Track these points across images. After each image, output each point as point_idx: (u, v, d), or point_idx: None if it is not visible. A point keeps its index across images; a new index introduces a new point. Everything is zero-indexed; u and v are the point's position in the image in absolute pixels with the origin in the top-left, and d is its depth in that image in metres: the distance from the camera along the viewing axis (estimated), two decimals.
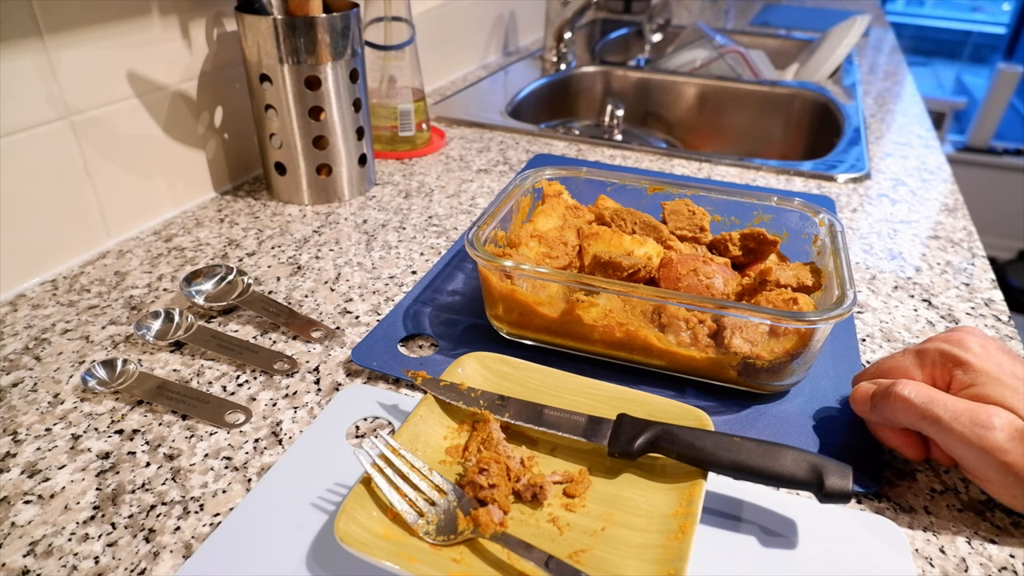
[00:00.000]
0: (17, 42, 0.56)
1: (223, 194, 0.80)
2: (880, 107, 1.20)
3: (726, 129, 1.32)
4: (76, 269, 0.64)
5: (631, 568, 0.36)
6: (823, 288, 0.52)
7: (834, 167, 0.90)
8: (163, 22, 0.68)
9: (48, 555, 0.38)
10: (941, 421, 0.39)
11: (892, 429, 0.44)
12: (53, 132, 0.61)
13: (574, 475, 0.41)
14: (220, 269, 0.61)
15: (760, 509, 0.41)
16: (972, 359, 0.41)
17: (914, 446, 0.43)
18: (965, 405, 0.39)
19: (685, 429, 0.41)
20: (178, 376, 0.51)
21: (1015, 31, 3.63)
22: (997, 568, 0.39)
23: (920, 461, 0.45)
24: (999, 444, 0.38)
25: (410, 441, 0.42)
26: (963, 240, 0.75)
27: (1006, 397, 0.39)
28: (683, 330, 0.48)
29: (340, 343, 0.55)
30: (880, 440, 0.45)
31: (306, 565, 0.37)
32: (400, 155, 0.92)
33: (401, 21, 0.87)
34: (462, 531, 0.36)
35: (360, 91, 0.76)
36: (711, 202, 0.62)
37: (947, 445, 0.40)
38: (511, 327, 0.54)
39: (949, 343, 0.43)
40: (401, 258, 0.68)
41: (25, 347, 0.54)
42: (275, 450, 0.45)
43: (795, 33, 1.71)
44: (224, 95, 0.77)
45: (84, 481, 0.42)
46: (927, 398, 0.40)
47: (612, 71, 1.37)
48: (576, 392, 0.47)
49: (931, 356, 0.43)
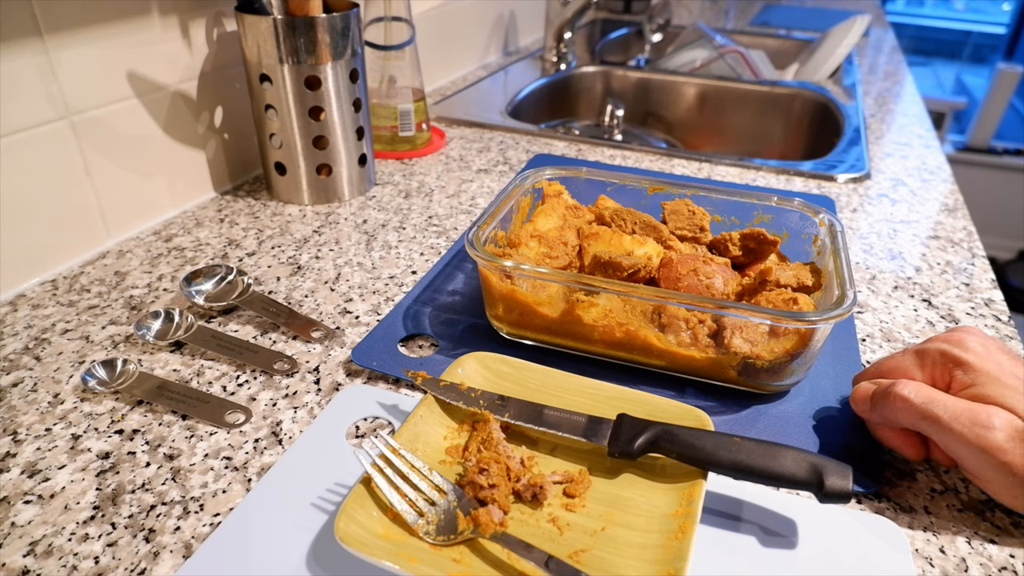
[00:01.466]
0: (17, 42, 0.56)
1: (223, 194, 0.80)
2: (880, 107, 1.20)
3: (726, 129, 1.32)
4: (76, 269, 0.64)
5: (631, 568, 0.36)
6: (823, 288, 0.52)
7: (834, 167, 0.90)
8: (163, 22, 0.68)
9: (48, 555, 0.38)
10: (941, 421, 0.39)
11: (892, 429, 0.44)
12: (53, 132, 0.61)
13: (574, 475, 0.41)
14: (220, 269, 0.61)
15: (760, 509, 0.41)
16: (972, 359, 0.41)
17: (914, 446, 0.43)
18: (965, 405, 0.39)
19: (685, 429, 0.41)
20: (178, 376, 0.51)
21: (1015, 31, 3.63)
22: (997, 568, 0.39)
23: (920, 461, 0.45)
24: (999, 444, 0.38)
25: (410, 441, 0.42)
26: (963, 240, 0.75)
27: (1006, 397, 0.39)
28: (683, 330, 0.48)
29: (340, 343, 0.55)
30: (880, 440, 0.45)
31: (306, 565, 0.37)
32: (400, 155, 0.92)
33: (401, 21, 0.87)
34: (462, 531, 0.36)
35: (360, 91, 0.76)
36: (711, 202, 0.62)
37: (947, 445, 0.40)
38: (511, 327, 0.54)
39: (949, 343, 0.43)
40: (401, 258, 0.68)
41: (25, 347, 0.54)
42: (275, 450, 0.45)
43: (795, 33, 1.71)
44: (224, 95, 0.77)
45: (84, 481, 0.42)
46: (927, 398, 0.40)
47: (612, 71, 1.37)
48: (576, 392, 0.47)
49: (931, 356, 0.43)
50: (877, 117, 1.14)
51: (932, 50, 4.07)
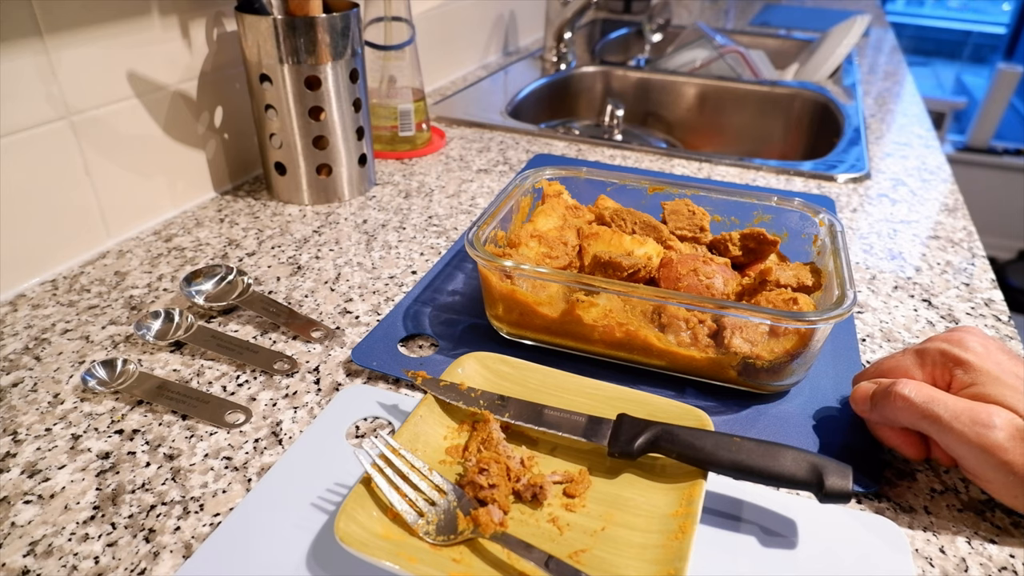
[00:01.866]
0: (17, 42, 0.56)
1: (223, 194, 0.80)
2: (880, 107, 1.20)
3: (726, 129, 1.32)
4: (76, 269, 0.64)
5: (631, 568, 0.36)
6: (823, 288, 0.52)
7: (834, 167, 0.90)
8: (163, 22, 0.68)
9: (48, 555, 0.38)
10: (941, 420, 0.39)
11: (892, 429, 0.44)
12: (53, 132, 0.61)
13: (574, 475, 0.41)
14: (220, 269, 0.61)
15: (760, 509, 0.41)
16: (972, 359, 0.41)
17: (914, 446, 0.43)
18: (965, 404, 0.39)
19: (685, 429, 0.41)
20: (178, 376, 0.51)
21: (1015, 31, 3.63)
22: (997, 568, 0.39)
23: (920, 461, 0.45)
24: (999, 443, 0.38)
25: (410, 441, 0.42)
26: (963, 240, 0.75)
27: (1006, 396, 0.39)
28: (683, 330, 0.48)
29: (340, 343, 0.55)
30: (880, 440, 0.45)
31: (306, 565, 0.37)
32: (400, 155, 0.92)
33: (401, 21, 0.87)
34: (462, 531, 0.36)
35: (360, 91, 0.76)
36: (711, 202, 0.62)
37: (947, 444, 0.40)
38: (511, 327, 0.54)
39: (949, 343, 0.43)
40: (401, 258, 0.68)
41: (25, 347, 0.54)
42: (275, 450, 0.45)
43: (795, 33, 1.71)
44: (224, 95, 0.77)
45: (84, 481, 0.42)
46: (927, 397, 0.40)
47: (612, 71, 1.37)
48: (576, 392, 0.47)
49: (931, 356, 0.43)
50: (877, 117, 1.14)
51: (932, 50, 4.07)
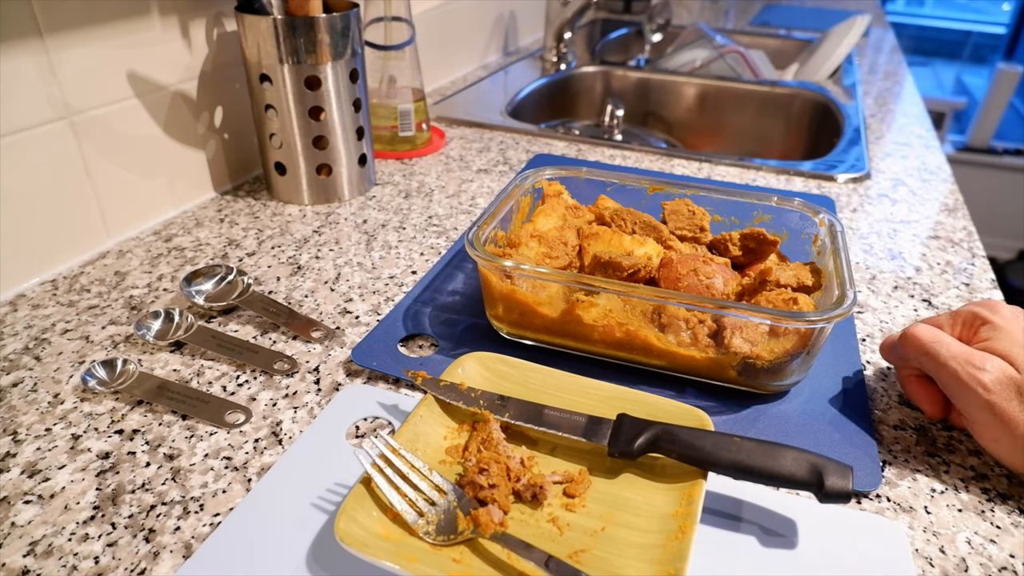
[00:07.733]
0: (17, 42, 0.56)
1: (223, 194, 0.80)
2: (880, 107, 1.20)
3: (726, 129, 1.32)
4: (76, 269, 0.64)
5: (631, 568, 0.36)
6: (823, 288, 0.52)
7: (834, 167, 0.90)
8: (163, 22, 0.68)
9: (48, 555, 0.38)
10: (939, 357, 0.42)
11: (916, 381, 0.47)
12: (53, 132, 0.61)
13: (574, 475, 0.41)
14: (220, 269, 0.61)
15: (760, 509, 0.41)
16: (999, 320, 0.44)
17: (935, 404, 0.46)
18: (966, 349, 0.42)
19: (685, 429, 0.41)
20: (178, 376, 0.51)
21: (1015, 31, 3.63)
22: (997, 568, 0.39)
23: (937, 420, 0.47)
24: (984, 383, 0.40)
25: (410, 441, 0.42)
26: (963, 240, 0.75)
27: (1012, 352, 0.41)
28: (683, 330, 0.48)
29: (340, 343, 0.55)
30: (906, 393, 0.48)
31: (306, 565, 0.37)
32: (400, 155, 0.92)
33: (401, 21, 0.87)
34: (462, 531, 0.36)
35: (360, 91, 0.76)
36: (711, 202, 0.62)
37: (942, 383, 0.43)
38: (511, 327, 0.54)
39: (983, 306, 0.46)
40: (401, 258, 0.68)
41: (25, 347, 0.54)
42: (275, 450, 0.45)
43: (795, 33, 1.71)
44: (224, 95, 0.77)
45: (84, 481, 0.42)
46: (933, 338, 0.43)
47: (612, 71, 1.37)
48: (576, 392, 0.47)
49: (963, 316, 0.46)
50: (877, 117, 1.14)
51: (932, 50, 4.07)
